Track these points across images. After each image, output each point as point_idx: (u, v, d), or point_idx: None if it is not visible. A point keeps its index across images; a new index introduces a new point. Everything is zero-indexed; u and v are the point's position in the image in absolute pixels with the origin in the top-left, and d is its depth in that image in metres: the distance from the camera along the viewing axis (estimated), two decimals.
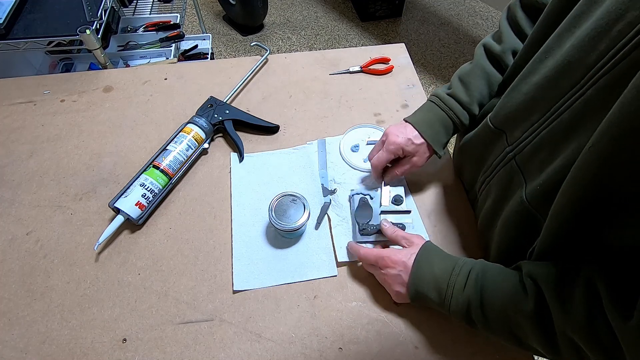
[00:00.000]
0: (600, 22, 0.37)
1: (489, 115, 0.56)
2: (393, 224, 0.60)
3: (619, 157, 0.32)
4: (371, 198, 0.65)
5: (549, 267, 0.41)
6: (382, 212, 0.63)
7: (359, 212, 0.63)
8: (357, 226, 0.62)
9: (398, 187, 0.65)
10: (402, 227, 0.61)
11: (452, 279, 0.49)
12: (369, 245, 0.61)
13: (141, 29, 1.48)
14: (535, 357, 0.57)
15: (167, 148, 0.67)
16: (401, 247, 0.57)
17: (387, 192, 0.64)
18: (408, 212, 0.63)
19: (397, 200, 0.64)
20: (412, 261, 0.52)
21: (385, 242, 0.61)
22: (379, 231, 0.60)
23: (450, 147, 0.73)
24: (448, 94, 0.63)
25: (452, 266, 0.50)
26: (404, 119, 0.64)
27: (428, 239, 0.58)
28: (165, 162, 0.65)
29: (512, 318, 0.43)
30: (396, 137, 0.61)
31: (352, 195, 0.65)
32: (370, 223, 0.62)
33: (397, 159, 0.64)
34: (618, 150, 0.32)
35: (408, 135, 0.61)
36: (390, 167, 0.65)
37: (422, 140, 0.61)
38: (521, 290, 0.42)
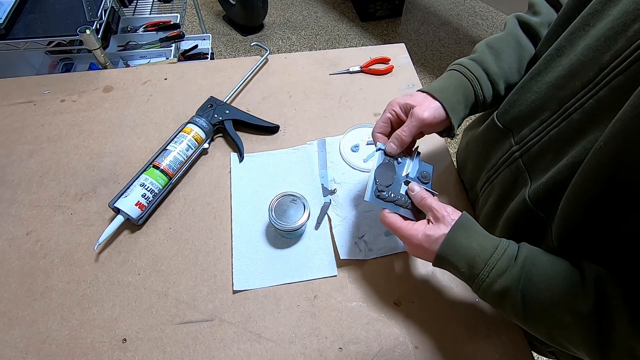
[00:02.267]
0: (617, 21, 0.37)
1: (495, 113, 0.55)
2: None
3: (632, 155, 0.32)
4: (398, 163, 0.55)
5: (620, 275, 0.38)
6: (407, 183, 0.54)
7: (381, 170, 0.53)
8: (374, 185, 0.52)
9: (428, 164, 0.56)
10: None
11: (492, 260, 0.43)
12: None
13: (141, 29, 1.48)
14: (536, 357, 0.57)
15: (167, 148, 0.67)
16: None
17: (417, 164, 0.55)
18: (433, 194, 0.52)
19: (424, 176, 0.54)
20: (438, 246, 0.46)
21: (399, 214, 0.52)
22: (396, 201, 0.52)
23: (454, 146, 0.72)
24: (472, 59, 0.56)
25: (493, 245, 0.44)
26: (417, 90, 0.56)
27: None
28: (165, 162, 0.65)
29: (558, 316, 0.40)
30: (422, 111, 0.51)
31: (379, 149, 0.55)
32: (389, 188, 0.52)
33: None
34: (631, 149, 0.32)
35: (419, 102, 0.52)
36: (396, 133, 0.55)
37: (435, 101, 0.52)
38: (578, 290, 0.39)
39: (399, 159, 0.55)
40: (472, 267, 0.44)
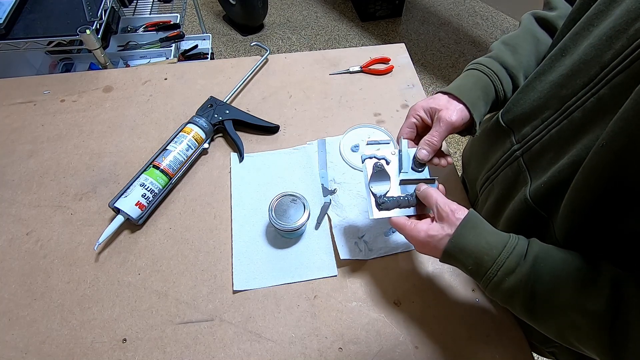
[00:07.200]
0: (619, 20, 0.38)
1: (500, 112, 0.55)
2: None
3: (634, 153, 0.32)
4: (387, 163, 0.53)
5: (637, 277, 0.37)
6: (403, 182, 0.52)
7: (375, 180, 0.51)
8: (372, 199, 0.51)
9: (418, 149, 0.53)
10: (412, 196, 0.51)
11: (501, 258, 0.42)
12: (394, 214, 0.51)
13: (141, 29, 1.48)
14: (536, 357, 0.57)
15: (167, 148, 0.67)
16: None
17: (407, 155, 0.52)
18: (432, 180, 0.52)
19: (419, 165, 0.52)
20: (442, 247, 0.45)
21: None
22: (400, 205, 0.51)
23: (454, 146, 0.72)
24: (488, 57, 0.56)
25: (502, 243, 0.43)
26: (437, 92, 0.55)
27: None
28: (165, 162, 0.65)
29: (568, 316, 0.39)
30: (449, 113, 0.51)
31: (365, 158, 0.53)
32: (388, 195, 0.51)
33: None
34: (633, 146, 0.32)
35: (440, 104, 0.52)
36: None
37: (459, 104, 0.52)
38: (590, 289, 0.38)
39: (387, 158, 0.53)
40: (479, 265, 0.43)
